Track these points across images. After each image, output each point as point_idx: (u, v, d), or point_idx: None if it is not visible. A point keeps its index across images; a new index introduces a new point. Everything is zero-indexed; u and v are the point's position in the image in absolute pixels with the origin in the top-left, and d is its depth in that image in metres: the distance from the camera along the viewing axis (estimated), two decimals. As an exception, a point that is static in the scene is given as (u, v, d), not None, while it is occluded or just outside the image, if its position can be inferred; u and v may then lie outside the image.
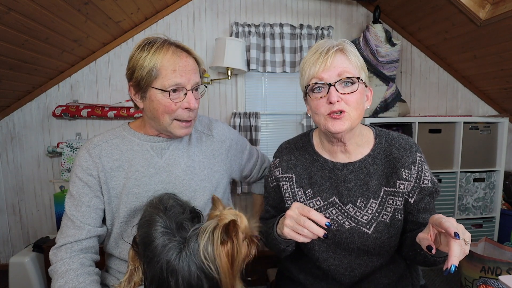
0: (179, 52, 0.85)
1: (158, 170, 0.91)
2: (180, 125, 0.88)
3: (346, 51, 0.78)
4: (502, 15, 1.76)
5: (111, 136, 0.94)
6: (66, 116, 2.22)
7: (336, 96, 0.76)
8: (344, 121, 0.77)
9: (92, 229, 0.87)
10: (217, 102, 2.46)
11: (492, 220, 2.36)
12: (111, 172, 0.89)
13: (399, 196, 0.81)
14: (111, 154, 0.90)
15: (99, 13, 1.86)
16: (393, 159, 0.82)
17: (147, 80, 0.83)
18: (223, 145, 1.03)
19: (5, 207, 2.33)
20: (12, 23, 1.48)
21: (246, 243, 0.70)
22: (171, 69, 0.82)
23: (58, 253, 0.83)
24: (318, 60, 0.78)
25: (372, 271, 0.87)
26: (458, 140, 2.26)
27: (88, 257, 0.86)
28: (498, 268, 1.69)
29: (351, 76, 0.77)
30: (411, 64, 2.66)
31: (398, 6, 2.34)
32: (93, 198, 0.88)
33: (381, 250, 0.83)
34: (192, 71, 0.86)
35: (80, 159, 0.89)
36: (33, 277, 1.91)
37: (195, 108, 0.87)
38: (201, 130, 1.03)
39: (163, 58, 0.82)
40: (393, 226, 0.82)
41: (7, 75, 1.86)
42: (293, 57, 2.42)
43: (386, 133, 0.89)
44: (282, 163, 0.92)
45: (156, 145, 0.93)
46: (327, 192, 0.86)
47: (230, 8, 2.41)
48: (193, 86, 0.86)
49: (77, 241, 0.84)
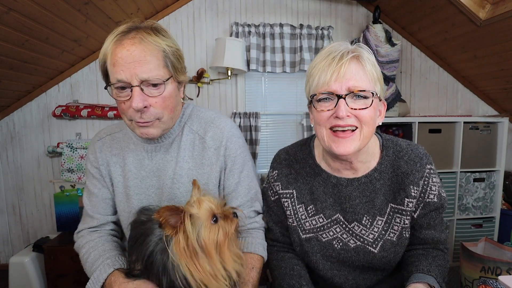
0: (126, 39, 0.69)
1: (148, 174, 0.86)
2: (137, 125, 0.75)
3: (362, 59, 0.68)
4: (502, 15, 1.76)
5: (116, 128, 0.92)
6: (66, 116, 2.22)
7: (345, 110, 0.66)
8: (351, 142, 0.68)
9: (102, 217, 0.89)
10: (217, 102, 2.46)
11: (492, 220, 2.36)
12: (108, 167, 0.88)
13: (407, 214, 0.76)
14: (111, 148, 0.88)
15: (99, 13, 1.86)
16: (401, 174, 0.75)
17: (104, 75, 0.75)
18: (215, 152, 0.84)
19: (5, 207, 2.33)
20: (12, 23, 1.48)
21: (219, 223, 0.68)
22: (110, 62, 0.70)
23: (78, 235, 0.90)
24: (330, 67, 0.67)
25: (377, 283, 0.86)
26: (458, 140, 2.26)
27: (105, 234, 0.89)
28: (498, 268, 1.69)
29: (364, 89, 0.67)
30: (411, 64, 2.66)
31: (398, 6, 2.34)
32: (101, 189, 0.89)
33: (387, 266, 0.80)
34: (136, 62, 0.68)
35: (88, 151, 0.91)
36: (33, 277, 1.90)
37: (138, 108, 0.70)
38: (196, 130, 0.87)
39: (107, 49, 0.71)
40: (400, 245, 0.78)
41: (7, 75, 1.86)
42: (293, 57, 2.42)
43: (394, 143, 0.79)
44: (281, 177, 0.85)
45: (148, 147, 0.86)
46: (330, 209, 0.80)
47: (230, 8, 2.41)
48: (141, 81, 0.70)
49: (91, 227, 0.89)
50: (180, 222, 0.64)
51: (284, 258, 0.86)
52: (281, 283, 0.81)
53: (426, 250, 0.80)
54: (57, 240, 1.95)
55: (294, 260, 0.85)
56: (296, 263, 0.85)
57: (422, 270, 0.73)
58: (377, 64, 0.72)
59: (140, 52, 0.69)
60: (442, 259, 0.77)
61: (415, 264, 0.76)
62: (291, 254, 0.88)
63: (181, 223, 0.64)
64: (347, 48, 0.69)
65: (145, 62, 0.70)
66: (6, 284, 1.94)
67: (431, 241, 0.79)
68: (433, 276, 0.72)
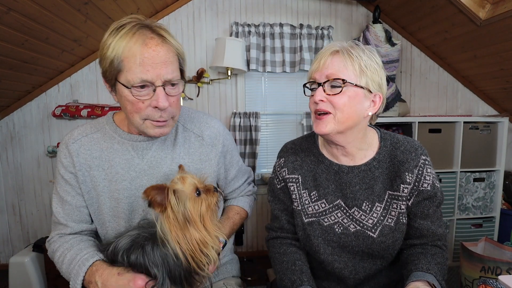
0: (147, 38, 0.69)
1: (139, 174, 0.83)
2: (153, 124, 0.76)
3: (345, 53, 0.76)
4: (502, 15, 1.76)
5: (92, 129, 0.85)
6: (66, 116, 2.22)
7: (320, 95, 0.76)
8: (326, 123, 0.77)
9: (76, 225, 0.83)
10: (217, 102, 2.46)
11: (492, 220, 2.36)
12: (90, 171, 0.81)
13: (403, 200, 0.81)
14: (90, 151, 0.82)
15: (99, 13, 1.86)
16: (397, 162, 0.81)
17: (111, 72, 0.71)
18: (213, 149, 0.91)
19: (5, 207, 2.33)
20: (12, 23, 1.48)
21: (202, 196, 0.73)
22: (134, 61, 0.68)
23: (49, 242, 0.85)
24: (316, 61, 0.80)
25: (375, 273, 0.88)
26: (458, 140, 2.26)
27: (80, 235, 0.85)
28: (498, 268, 1.69)
29: (337, 78, 0.75)
30: (411, 64, 2.66)
31: (398, 6, 2.34)
32: (75, 196, 0.82)
33: (385, 253, 0.83)
34: (162, 63, 0.70)
35: (60, 154, 0.83)
36: (33, 277, 1.91)
37: (164, 107, 0.73)
38: (190, 128, 0.91)
39: (126, 47, 0.68)
40: (398, 230, 0.82)
41: (7, 75, 1.86)
42: (293, 57, 2.42)
43: (391, 136, 0.87)
44: (287, 164, 0.90)
45: (137, 145, 0.83)
46: (332, 195, 0.86)
47: (230, 8, 2.41)
48: (165, 82, 0.72)
49: (64, 234, 0.83)
50: (167, 198, 0.68)
51: (287, 253, 0.88)
52: (283, 278, 0.83)
53: (425, 248, 0.81)
54: (57, 240, 1.95)
55: (296, 255, 0.88)
56: (298, 258, 0.87)
57: (421, 268, 0.74)
58: (370, 60, 0.77)
59: (165, 53, 0.71)
60: (441, 257, 0.79)
61: (414, 262, 0.77)
62: (293, 248, 0.90)
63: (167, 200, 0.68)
64: (335, 45, 0.79)
65: (169, 63, 0.72)
66: (6, 284, 1.94)
67: (426, 233, 0.81)
68: (432, 274, 0.73)
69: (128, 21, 0.71)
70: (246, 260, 2.43)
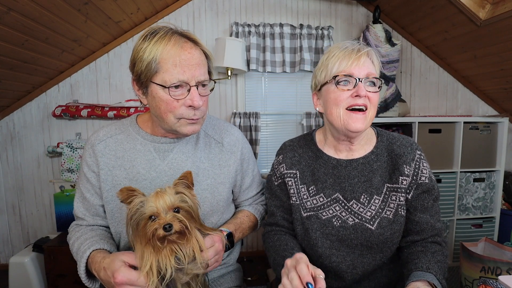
0: (182, 42, 0.76)
1: (159, 174, 0.86)
2: (187, 122, 0.80)
3: (371, 56, 0.83)
4: (502, 15, 1.76)
5: (117, 130, 0.90)
6: (66, 116, 2.22)
7: (364, 91, 0.79)
8: (364, 120, 0.80)
9: (92, 219, 0.89)
10: (217, 102, 2.46)
11: (492, 220, 2.36)
12: (112, 171, 0.85)
13: (402, 192, 0.83)
14: (115, 151, 0.86)
15: (99, 13, 1.86)
16: (395, 156, 0.85)
17: (146, 74, 0.76)
18: (232, 156, 0.95)
19: (5, 207, 2.33)
20: (12, 23, 1.48)
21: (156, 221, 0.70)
22: (172, 62, 0.74)
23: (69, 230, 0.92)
24: (351, 56, 0.80)
25: (374, 270, 0.88)
26: (458, 140, 2.26)
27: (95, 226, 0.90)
28: (498, 268, 1.69)
29: (376, 77, 0.82)
30: (411, 64, 2.66)
31: (398, 6, 2.34)
32: (94, 194, 0.88)
33: (384, 246, 0.83)
34: (196, 65, 0.77)
35: (85, 153, 0.88)
36: (33, 277, 1.91)
37: (199, 106, 0.79)
38: (211, 135, 0.95)
39: (163, 50, 0.74)
40: (396, 222, 0.83)
41: (7, 75, 1.86)
42: (293, 57, 2.42)
43: (387, 132, 0.91)
44: (286, 160, 0.93)
45: (159, 146, 0.87)
46: (330, 188, 0.87)
47: (230, 8, 2.41)
48: (198, 82, 0.78)
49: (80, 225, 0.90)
50: (128, 200, 0.70)
51: (280, 239, 0.90)
52: (275, 258, 0.85)
53: (425, 246, 0.81)
54: (57, 240, 1.95)
55: (289, 241, 0.89)
56: (290, 241, 0.89)
57: (421, 267, 0.75)
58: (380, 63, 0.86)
59: (199, 55, 0.78)
60: (441, 255, 0.79)
61: (414, 261, 0.77)
62: (286, 236, 0.92)
63: (129, 202, 0.70)
64: (359, 45, 0.83)
65: (202, 65, 0.79)
66: (6, 284, 1.94)
67: (426, 226, 0.82)
68: (432, 273, 0.73)
69: (160, 27, 0.78)
70: (246, 260, 2.43)
